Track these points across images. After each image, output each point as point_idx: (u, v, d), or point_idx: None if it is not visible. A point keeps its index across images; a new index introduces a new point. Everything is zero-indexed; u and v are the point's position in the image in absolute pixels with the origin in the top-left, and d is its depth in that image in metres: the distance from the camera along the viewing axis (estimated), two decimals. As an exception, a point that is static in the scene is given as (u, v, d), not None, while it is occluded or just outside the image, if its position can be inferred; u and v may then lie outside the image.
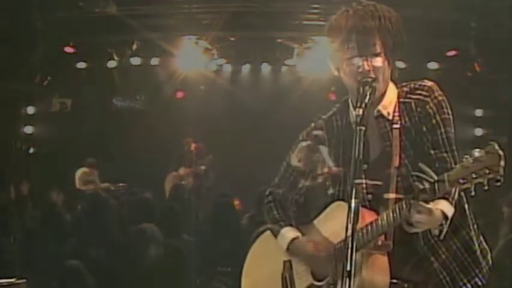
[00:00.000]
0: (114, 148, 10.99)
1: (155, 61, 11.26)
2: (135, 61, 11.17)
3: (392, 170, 2.30)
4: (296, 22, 10.02)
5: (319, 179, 2.45)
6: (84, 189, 10.28)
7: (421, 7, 9.01)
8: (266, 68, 11.79)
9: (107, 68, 11.41)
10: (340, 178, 2.42)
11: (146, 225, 5.69)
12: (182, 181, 10.25)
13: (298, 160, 2.53)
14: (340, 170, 2.38)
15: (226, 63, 11.65)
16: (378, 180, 2.30)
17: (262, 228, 2.68)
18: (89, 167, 10.61)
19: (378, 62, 2.28)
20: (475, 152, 1.97)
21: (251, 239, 2.77)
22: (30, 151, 11.78)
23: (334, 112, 2.56)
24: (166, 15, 9.99)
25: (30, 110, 11.71)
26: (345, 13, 2.32)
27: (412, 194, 2.13)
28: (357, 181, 1.98)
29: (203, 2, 10.00)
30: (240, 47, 11.19)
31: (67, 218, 7.04)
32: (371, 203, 2.33)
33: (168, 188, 9.90)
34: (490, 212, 5.92)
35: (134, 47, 11.07)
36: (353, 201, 1.96)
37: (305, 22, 9.83)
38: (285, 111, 10.21)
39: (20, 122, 11.66)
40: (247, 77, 12.10)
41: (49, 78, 11.55)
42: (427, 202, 2.09)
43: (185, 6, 9.99)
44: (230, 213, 6.43)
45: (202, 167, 10.54)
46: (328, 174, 2.42)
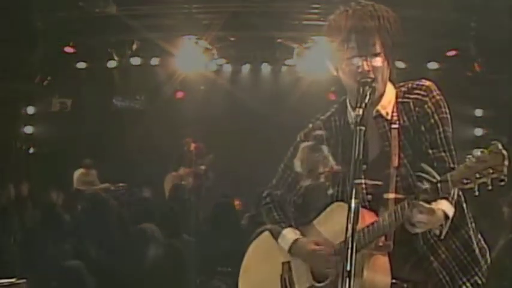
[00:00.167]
0: (114, 148, 11.00)
1: (155, 61, 11.28)
2: (135, 61, 11.18)
3: (391, 170, 2.29)
4: (296, 22, 10.04)
5: (321, 179, 2.44)
6: (83, 189, 10.27)
7: (421, 7, 9.02)
8: (266, 68, 11.80)
9: (107, 68, 11.42)
10: (339, 178, 2.42)
11: (146, 225, 5.68)
12: (182, 181, 10.25)
13: (300, 161, 2.52)
14: (341, 167, 2.37)
15: (226, 63, 11.67)
16: (377, 180, 2.30)
17: (262, 228, 2.66)
18: (86, 168, 10.60)
19: (378, 62, 2.28)
20: (478, 152, 1.97)
21: (251, 239, 2.76)
22: (30, 151, 11.80)
23: (332, 112, 2.55)
24: (166, 15, 10.00)
25: (30, 110, 11.73)
26: (344, 13, 2.32)
27: (414, 194, 2.12)
28: (357, 181, 1.98)
29: (203, 2, 10.01)
30: (240, 47, 11.20)
31: (67, 218, 7.03)
32: (370, 203, 2.33)
33: (168, 188, 9.89)
34: (490, 212, 5.91)
35: (134, 47, 11.09)
36: (353, 201, 1.95)
37: (305, 22, 9.84)
38: (285, 111, 10.21)
39: (20, 122, 11.68)
40: (247, 77, 12.11)
41: (49, 78, 11.57)
42: (429, 202, 2.09)
43: (185, 6, 10.00)
44: (230, 213, 6.42)
45: (202, 167, 10.54)
46: (329, 173, 2.42)
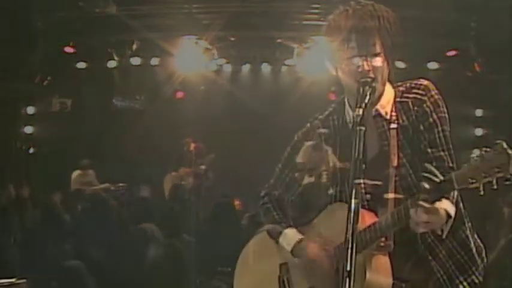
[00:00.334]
0: (114, 148, 10.99)
1: (155, 61, 11.28)
2: (135, 61, 11.18)
3: (390, 170, 2.29)
4: (296, 22, 10.03)
5: (322, 178, 2.44)
6: (83, 189, 10.26)
7: (421, 7, 9.02)
8: (266, 68, 11.79)
9: (107, 68, 11.42)
10: (338, 178, 2.42)
11: (146, 225, 5.69)
12: (182, 181, 10.24)
13: (303, 160, 2.52)
14: (345, 165, 2.36)
15: (226, 63, 11.66)
16: (376, 179, 2.29)
17: (263, 228, 2.65)
18: (84, 169, 10.60)
19: (378, 62, 2.28)
20: (483, 151, 1.96)
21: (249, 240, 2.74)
22: (30, 151, 11.79)
23: (330, 112, 2.55)
24: (166, 15, 9.99)
25: (30, 110, 11.72)
26: (344, 13, 2.32)
27: (417, 194, 2.12)
28: (357, 181, 1.98)
29: (203, 2, 10.01)
30: (240, 47, 11.20)
31: (67, 218, 7.03)
32: (369, 203, 2.33)
33: (167, 188, 9.89)
34: (490, 212, 5.92)
35: (134, 47, 11.08)
36: (353, 201, 1.95)
37: (305, 22, 9.84)
38: (285, 111, 10.20)
39: (20, 122, 11.67)
40: (247, 77, 12.10)
41: (49, 78, 11.56)
42: (433, 202, 2.08)
43: (185, 6, 10.00)
44: (230, 213, 6.43)
45: (202, 167, 10.53)
46: (332, 171, 2.41)
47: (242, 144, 10.75)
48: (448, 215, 2.16)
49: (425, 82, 2.39)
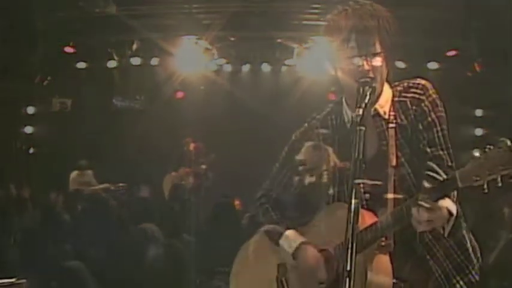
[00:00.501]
0: (113, 148, 10.98)
1: (155, 61, 11.27)
2: (135, 61, 11.18)
3: (389, 169, 2.30)
4: (296, 22, 10.03)
5: (323, 178, 2.43)
6: (83, 189, 10.27)
7: (421, 7, 9.02)
8: (266, 68, 11.78)
9: (107, 68, 11.42)
10: (336, 178, 2.41)
11: (146, 225, 5.69)
12: (182, 181, 10.24)
13: (304, 159, 2.52)
14: (345, 165, 2.36)
15: (226, 63, 11.66)
16: (375, 179, 2.29)
17: (263, 228, 2.63)
18: (82, 169, 10.60)
19: (378, 62, 2.29)
20: (487, 149, 1.96)
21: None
22: (30, 151, 11.79)
23: (328, 112, 2.55)
24: (166, 15, 9.99)
25: (30, 110, 11.73)
26: (344, 12, 2.32)
27: (418, 194, 2.12)
28: (357, 181, 1.98)
29: (203, 2, 10.01)
30: (240, 47, 11.20)
31: (67, 218, 7.04)
32: (368, 203, 2.33)
33: (167, 188, 9.89)
34: (490, 212, 5.92)
35: (134, 47, 11.08)
36: (353, 201, 1.95)
37: (305, 22, 9.83)
38: (285, 111, 10.20)
39: (20, 122, 11.67)
40: (247, 77, 12.10)
41: (49, 78, 11.57)
42: (436, 201, 2.08)
43: (185, 6, 10.00)
44: (230, 213, 6.43)
45: (203, 166, 10.53)
46: (333, 171, 2.41)
47: (242, 144, 10.75)
48: (450, 214, 2.16)
49: (423, 81, 2.40)
